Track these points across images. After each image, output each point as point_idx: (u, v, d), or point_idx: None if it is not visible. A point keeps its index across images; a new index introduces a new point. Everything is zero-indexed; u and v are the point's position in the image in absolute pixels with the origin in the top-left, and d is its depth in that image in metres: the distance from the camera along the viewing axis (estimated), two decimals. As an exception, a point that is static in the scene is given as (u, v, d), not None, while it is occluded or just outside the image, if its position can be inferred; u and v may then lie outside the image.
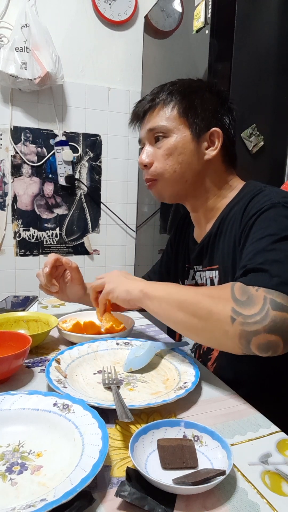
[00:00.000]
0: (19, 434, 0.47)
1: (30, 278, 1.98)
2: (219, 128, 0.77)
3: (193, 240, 0.90)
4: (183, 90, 0.78)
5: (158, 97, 0.79)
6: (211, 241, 0.80)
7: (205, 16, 1.32)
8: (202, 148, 0.77)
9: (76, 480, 0.37)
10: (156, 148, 0.79)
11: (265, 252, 0.60)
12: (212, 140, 0.78)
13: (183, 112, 0.76)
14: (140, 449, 0.44)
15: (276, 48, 1.39)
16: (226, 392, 0.61)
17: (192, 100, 0.77)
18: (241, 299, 0.57)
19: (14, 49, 1.71)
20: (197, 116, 0.76)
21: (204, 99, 0.78)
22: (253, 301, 0.56)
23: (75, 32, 1.95)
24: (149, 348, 0.69)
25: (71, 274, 0.91)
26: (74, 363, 0.67)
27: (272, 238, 0.61)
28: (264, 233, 0.63)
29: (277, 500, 0.40)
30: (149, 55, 1.96)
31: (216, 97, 0.79)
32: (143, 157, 0.80)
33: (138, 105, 0.83)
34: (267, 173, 1.47)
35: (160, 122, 0.77)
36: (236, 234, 0.71)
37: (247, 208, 0.70)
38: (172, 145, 0.77)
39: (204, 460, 0.44)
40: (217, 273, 0.77)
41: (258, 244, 0.62)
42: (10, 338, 0.70)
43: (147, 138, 0.81)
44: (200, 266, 0.84)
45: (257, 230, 0.65)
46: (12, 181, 1.92)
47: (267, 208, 0.66)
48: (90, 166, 2.08)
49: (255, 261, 0.60)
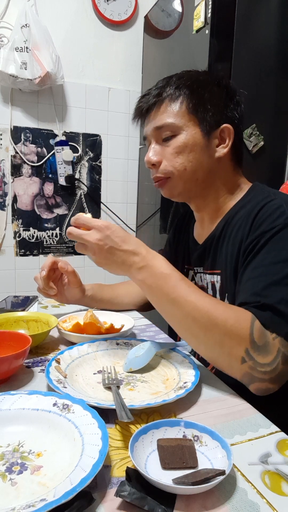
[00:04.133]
0: (19, 434, 0.47)
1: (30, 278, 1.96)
2: (229, 124, 0.74)
3: (193, 241, 0.88)
4: (191, 84, 0.74)
5: (165, 91, 0.74)
6: (214, 243, 0.78)
7: (205, 16, 1.32)
8: (212, 145, 0.74)
9: (76, 480, 0.37)
10: (164, 146, 0.75)
11: (281, 287, 0.59)
12: (222, 137, 0.75)
13: (193, 108, 0.73)
14: (140, 449, 0.44)
15: (276, 48, 1.39)
16: (226, 392, 0.61)
17: (201, 95, 0.73)
18: (258, 343, 0.57)
19: (14, 49, 1.71)
20: (207, 112, 0.73)
21: (213, 93, 0.74)
22: (269, 350, 0.57)
23: (75, 32, 1.95)
24: (149, 348, 0.69)
25: (68, 277, 0.90)
26: (74, 363, 0.67)
27: (286, 266, 0.60)
28: (278, 257, 0.61)
29: (277, 500, 0.40)
30: (149, 55, 1.96)
31: (225, 91, 0.75)
32: (151, 156, 0.76)
33: (143, 99, 0.78)
34: (267, 173, 1.47)
35: (168, 119, 0.73)
36: (242, 241, 0.69)
37: (257, 218, 0.67)
38: (182, 143, 0.73)
39: (204, 460, 0.44)
40: (219, 278, 0.76)
41: (272, 270, 0.61)
42: (10, 338, 0.70)
43: (154, 136, 0.77)
44: (201, 268, 0.83)
45: (270, 251, 0.63)
46: (12, 181, 1.92)
47: (282, 227, 0.63)
48: (90, 166, 2.08)
49: (271, 297, 0.59)
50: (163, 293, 0.62)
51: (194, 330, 0.61)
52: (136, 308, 1.04)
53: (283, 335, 0.57)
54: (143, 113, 0.78)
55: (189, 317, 0.60)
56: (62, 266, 0.88)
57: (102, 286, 1.00)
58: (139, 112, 0.79)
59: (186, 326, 0.62)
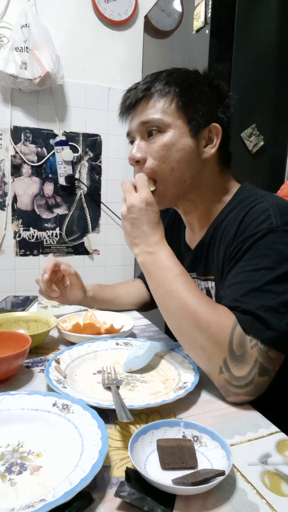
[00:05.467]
0: (19, 434, 0.47)
1: (30, 278, 1.98)
2: (218, 124, 0.73)
3: (185, 245, 0.87)
4: (182, 82, 0.72)
5: (154, 86, 0.72)
6: (205, 250, 0.77)
7: (205, 16, 1.32)
8: (200, 146, 0.73)
9: (75, 480, 0.37)
10: (149, 143, 0.73)
11: (261, 294, 0.58)
12: (210, 138, 0.73)
13: (182, 107, 0.71)
14: (139, 450, 0.44)
15: (276, 48, 1.39)
16: (226, 392, 0.61)
17: (191, 94, 0.71)
18: (236, 352, 0.57)
19: (14, 49, 1.70)
20: (197, 112, 0.71)
21: (203, 93, 0.72)
22: (245, 361, 0.56)
23: (75, 32, 1.95)
24: (148, 348, 0.69)
25: (70, 280, 0.90)
26: (73, 363, 0.67)
27: (267, 274, 0.59)
28: (260, 264, 0.60)
29: (277, 501, 0.40)
30: (149, 55, 1.96)
31: (215, 92, 0.74)
32: (134, 152, 0.73)
33: (129, 93, 0.75)
34: (267, 173, 1.47)
35: (155, 115, 0.71)
36: (228, 246, 0.68)
37: (243, 222, 0.66)
38: (168, 141, 0.71)
39: (204, 460, 0.44)
40: (213, 284, 0.76)
41: (253, 277, 0.60)
42: (10, 338, 0.70)
43: (139, 132, 0.74)
44: (194, 273, 0.82)
45: (252, 258, 0.62)
46: (12, 181, 1.92)
47: (265, 233, 0.62)
48: (90, 166, 2.08)
49: (251, 303, 0.58)
50: (159, 284, 0.64)
51: (181, 328, 0.62)
52: (136, 308, 1.04)
53: (262, 340, 0.56)
54: (129, 107, 0.75)
55: (178, 313, 0.61)
56: (64, 269, 0.88)
57: (103, 287, 1.00)
58: (125, 105, 0.76)
59: (174, 321, 0.63)
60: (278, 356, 0.58)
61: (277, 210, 0.64)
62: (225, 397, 0.59)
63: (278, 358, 0.58)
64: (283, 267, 0.59)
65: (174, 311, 0.62)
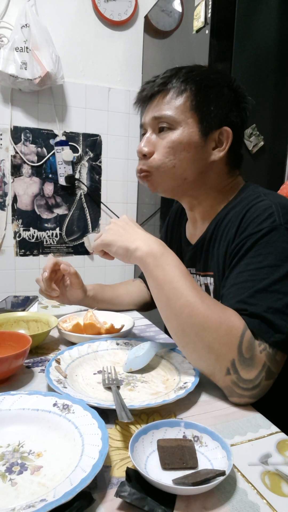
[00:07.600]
0: (19, 434, 0.47)
1: (30, 278, 1.98)
2: (230, 127, 0.72)
3: (186, 241, 0.87)
4: (200, 81, 0.71)
5: (171, 82, 0.72)
6: (205, 246, 0.77)
7: (205, 16, 1.32)
8: (208, 147, 0.72)
9: (76, 480, 0.37)
10: (159, 138, 0.73)
11: (267, 294, 0.58)
12: (220, 140, 0.73)
13: (196, 106, 0.70)
14: (140, 450, 0.44)
15: (276, 48, 1.39)
16: (226, 392, 0.61)
17: (207, 94, 0.70)
18: (245, 355, 0.56)
19: (14, 49, 1.71)
20: (210, 113, 0.71)
21: (220, 95, 0.71)
22: (254, 364, 0.56)
23: (75, 32, 1.95)
24: (149, 348, 0.69)
25: (70, 279, 0.89)
26: (74, 363, 0.67)
27: (271, 272, 0.58)
28: (263, 262, 0.60)
29: (277, 501, 0.40)
30: (149, 55, 1.96)
31: (233, 95, 0.74)
32: (143, 146, 0.74)
33: (147, 86, 0.75)
34: (267, 173, 1.47)
35: (167, 111, 0.71)
36: (229, 243, 0.68)
37: (244, 219, 0.65)
38: (176, 138, 0.71)
39: (204, 460, 0.44)
40: (212, 280, 0.76)
41: (257, 276, 0.59)
42: (10, 338, 0.70)
43: (151, 125, 0.75)
44: (194, 269, 0.82)
45: (256, 255, 0.61)
46: (12, 181, 1.92)
47: (268, 230, 0.61)
48: (90, 166, 2.08)
49: (258, 305, 0.57)
50: (166, 280, 0.61)
51: (187, 327, 0.58)
52: (136, 308, 1.04)
53: (270, 343, 0.56)
54: (145, 99, 0.76)
55: (185, 312, 0.58)
56: (64, 268, 0.87)
57: (103, 287, 1.00)
58: (141, 97, 0.76)
59: (180, 320, 0.59)
60: (283, 358, 0.58)
61: (280, 208, 0.64)
62: (228, 397, 0.58)
63: (282, 360, 0.58)
64: (286, 264, 0.59)
65: (181, 309, 0.59)
